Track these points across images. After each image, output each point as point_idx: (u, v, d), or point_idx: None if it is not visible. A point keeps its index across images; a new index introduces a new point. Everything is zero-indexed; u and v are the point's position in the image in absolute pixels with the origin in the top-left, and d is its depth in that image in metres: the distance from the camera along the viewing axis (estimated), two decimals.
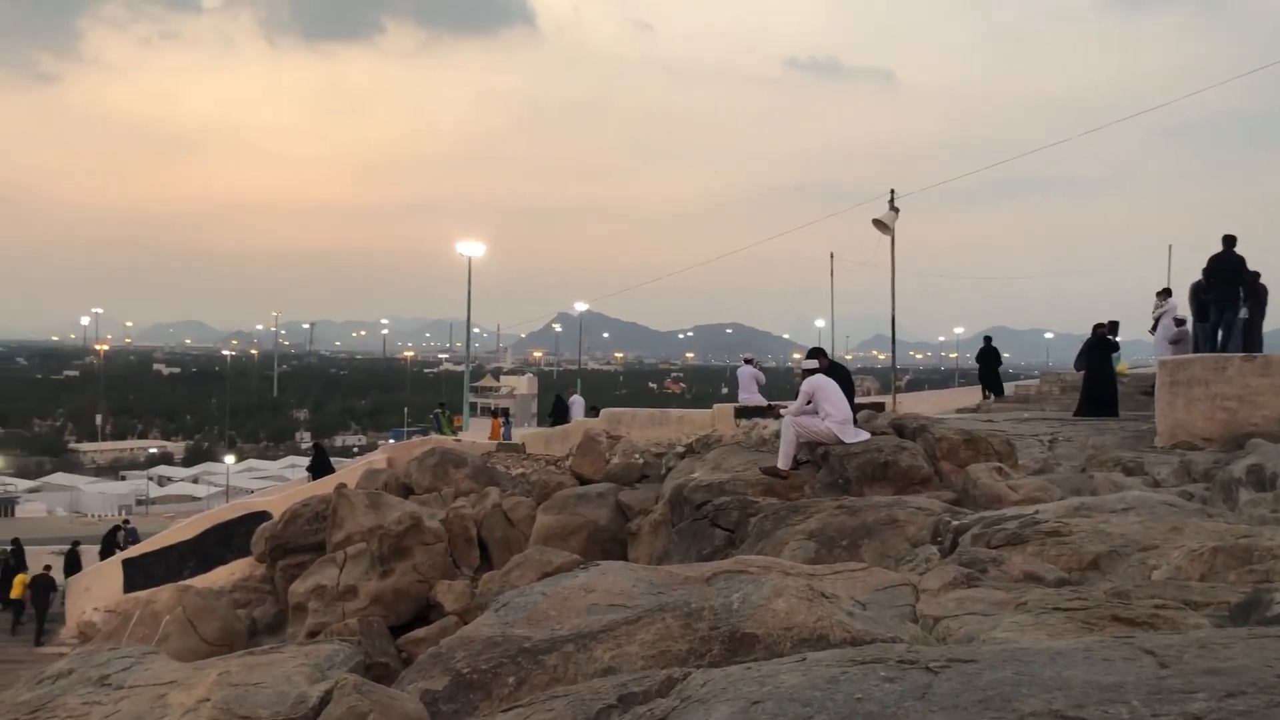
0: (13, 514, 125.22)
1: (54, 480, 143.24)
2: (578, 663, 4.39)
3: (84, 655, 4.81)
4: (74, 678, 4.48)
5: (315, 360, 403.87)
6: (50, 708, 4.13)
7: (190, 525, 25.76)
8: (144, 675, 4.37)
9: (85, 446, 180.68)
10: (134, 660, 4.59)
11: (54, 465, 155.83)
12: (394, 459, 25.59)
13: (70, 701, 4.17)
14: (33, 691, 4.41)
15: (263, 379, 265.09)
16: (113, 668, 4.52)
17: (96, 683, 4.36)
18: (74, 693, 4.27)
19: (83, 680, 4.42)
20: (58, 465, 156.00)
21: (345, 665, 4.56)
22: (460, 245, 53.29)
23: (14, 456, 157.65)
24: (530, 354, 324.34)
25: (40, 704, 4.19)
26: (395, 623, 17.29)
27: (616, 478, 19.43)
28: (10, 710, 4.19)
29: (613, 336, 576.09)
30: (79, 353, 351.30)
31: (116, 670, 4.48)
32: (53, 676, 4.54)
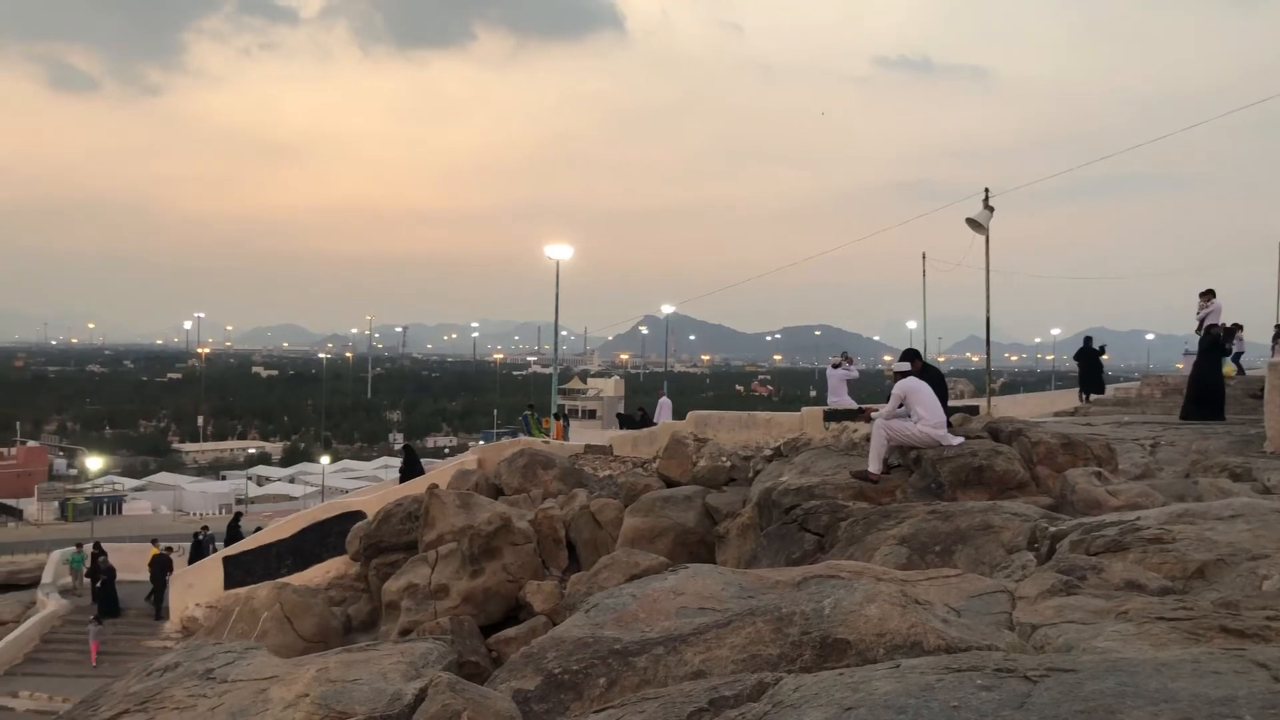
0: (120, 512, 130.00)
1: (158, 480, 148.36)
2: (668, 665, 4.39)
3: (190, 649, 4.97)
4: (180, 670, 4.62)
5: (408, 363, 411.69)
6: (159, 699, 4.26)
7: (287, 524, 26.38)
8: (246, 670, 4.49)
9: (188, 447, 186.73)
10: (237, 655, 4.72)
11: (158, 465, 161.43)
12: (484, 460, 25.89)
13: (177, 693, 4.30)
14: (142, 683, 4.57)
15: (357, 381, 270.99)
16: (217, 662, 4.66)
17: (202, 676, 4.49)
18: (181, 685, 4.41)
19: (189, 673, 4.56)
20: (162, 465, 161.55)
21: (439, 664, 4.62)
22: (548, 248, 53.74)
23: (121, 456, 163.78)
24: (617, 356, 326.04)
25: (149, 695, 4.33)
26: (485, 622, 17.50)
27: (704, 480, 19.39)
28: (122, 700, 4.34)
29: (699, 339, 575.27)
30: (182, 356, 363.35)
31: (220, 664, 4.61)
32: (161, 669, 4.69)
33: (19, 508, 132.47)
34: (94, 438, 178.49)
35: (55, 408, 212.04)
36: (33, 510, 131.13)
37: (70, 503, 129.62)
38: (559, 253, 53.44)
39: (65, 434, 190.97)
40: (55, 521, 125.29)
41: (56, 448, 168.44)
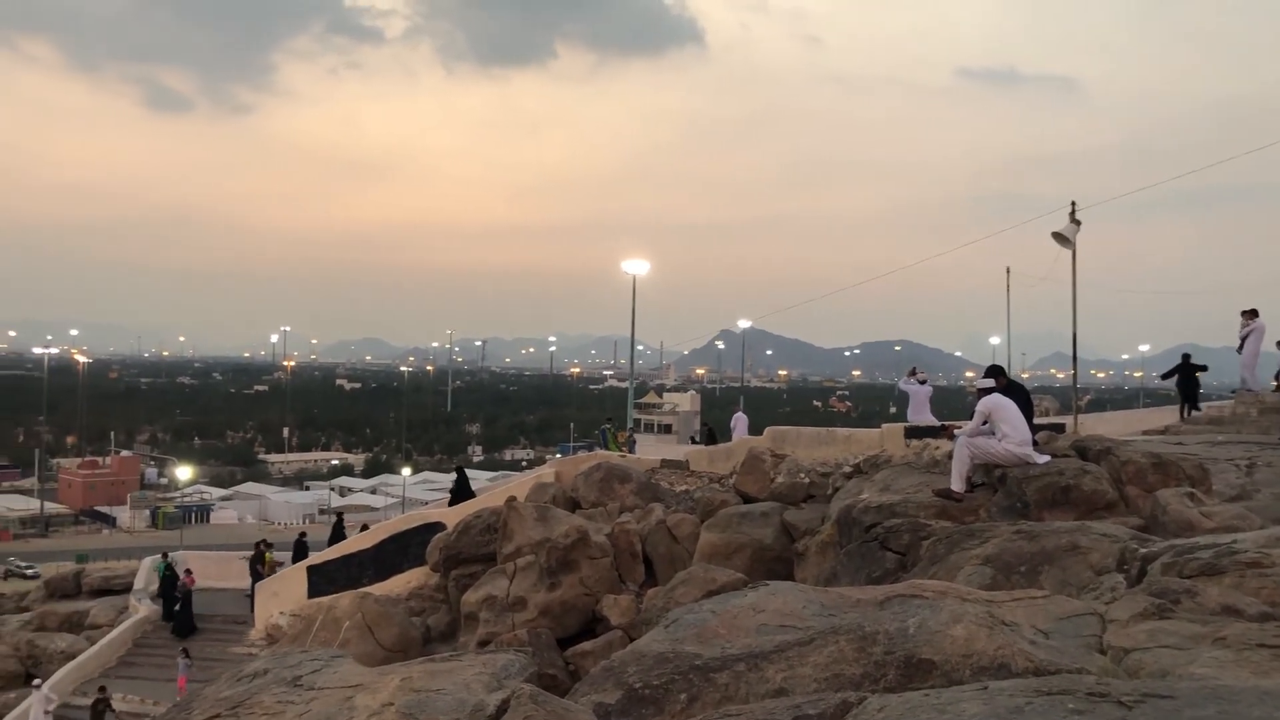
0: (208, 521, 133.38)
1: (245, 489, 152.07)
2: (749, 682, 4.36)
3: (278, 656, 5.07)
4: (269, 677, 4.73)
5: (487, 376, 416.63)
6: (249, 705, 4.37)
7: (369, 535, 26.77)
8: (332, 678, 4.57)
9: (273, 457, 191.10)
10: (323, 663, 4.82)
11: (245, 475, 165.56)
12: (562, 473, 26.01)
13: (266, 700, 4.40)
14: (233, 688, 4.68)
15: (437, 394, 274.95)
16: (304, 669, 4.75)
17: (290, 683, 4.58)
18: (269, 691, 4.51)
19: (277, 680, 4.66)
20: (248, 475, 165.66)
21: (520, 675, 4.66)
22: (625, 263, 54.02)
23: (209, 466, 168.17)
24: (693, 371, 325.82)
25: (240, 700, 4.43)
26: (562, 634, 17.56)
27: (781, 497, 19.24)
28: (213, 705, 4.45)
29: (777, 354, 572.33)
30: (269, 368, 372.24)
31: (307, 672, 4.71)
32: (250, 675, 4.81)
33: (113, 515, 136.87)
34: (184, 448, 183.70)
35: (147, 418, 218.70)
36: (125, 518, 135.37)
37: (161, 511, 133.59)
38: (636, 267, 53.68)
39: (156, 444, 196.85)
40: (146, 529, 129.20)
41: (148, 457, 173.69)
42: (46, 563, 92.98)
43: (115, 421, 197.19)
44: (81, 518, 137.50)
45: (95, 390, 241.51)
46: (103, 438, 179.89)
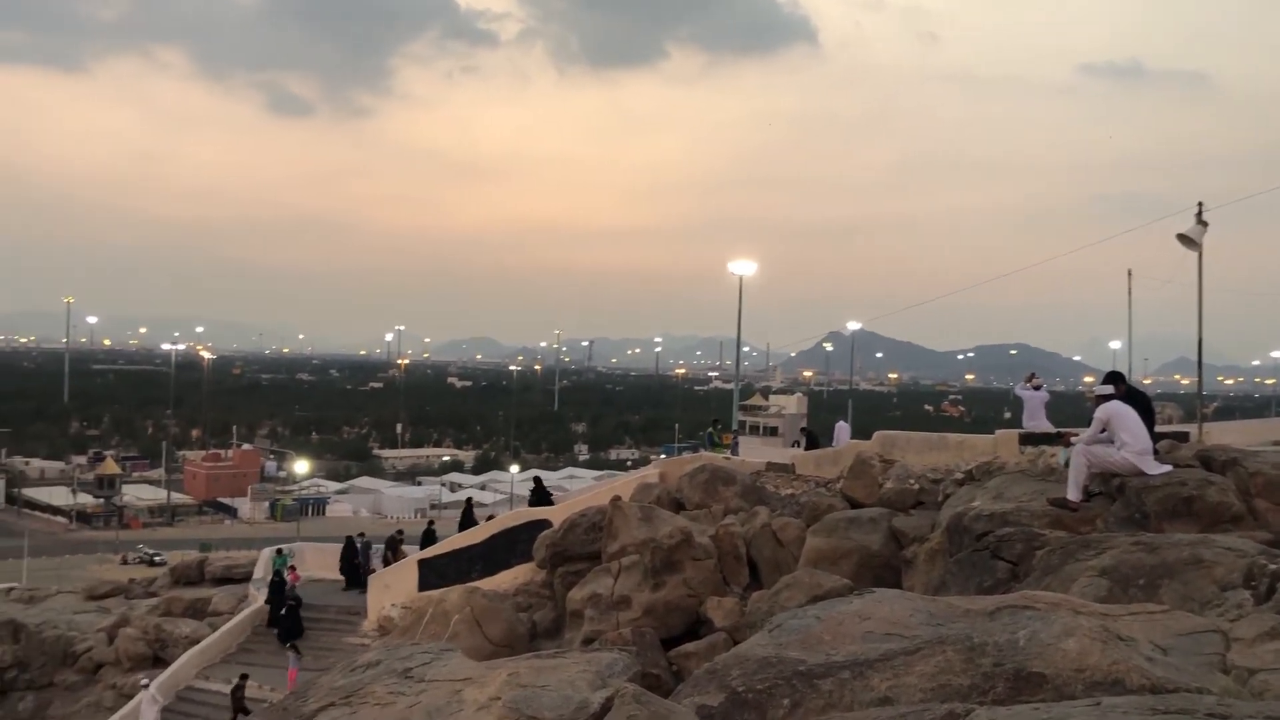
0: (324, 513, 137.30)
1: (359, 484, 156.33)
2: (853, 690, 4.33)
3: (390, 648, 5.22)
4: (381, 668, 4.87)
5: (593, 376, 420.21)
6: (361, 694, 4.50)
7: (479, 530, 27.25)
8: (442, 670, 4.68)
9: (387, 453, 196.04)
10: (433, 656, 4.94)
11: (359, 470, 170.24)
12: (666, 474, 26.07)
13: (378, 690, 4.53)
14: (346, 678, 4.83)
15: (545, 393, 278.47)
16: (415, 661, 4.88)
17: (401, 674, 4.71)
18: (381, 682, 4.64)
19: (389, 671, 4.79)
20: (363, 470, 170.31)
21: (625, 674, 4.70)
22: (732, 264, 53.90)
23: (326, 461, 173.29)
24: (800, 373, 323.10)
25: (353, 690, 4.58)
26: (665, 635, 17.61)
27: (890, 503, 18.95)
28: (328, 694, 4.61)
29: (887, 356, 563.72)
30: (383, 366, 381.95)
31: (418, 664, 4.83)
32: (363, 666, 4.96)
33: (234, 506, 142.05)
34: (302, 442, 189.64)
35: (268, 413, 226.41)
36: (246, 509, 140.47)
37: (279, 503, 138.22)
38: (743, 268, 53.51)
39: (276, 438, 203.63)
40: (266, 520, 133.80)
41: (268, 451, 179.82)
42: (172, 551, 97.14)
43: (237, 416, 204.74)
44: (205, 508, 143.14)
45: (219, 385, 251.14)
46: (225, 431, 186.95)
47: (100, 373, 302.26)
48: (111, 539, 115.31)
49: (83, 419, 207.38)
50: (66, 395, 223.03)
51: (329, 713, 4.37)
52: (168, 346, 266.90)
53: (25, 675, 29.44)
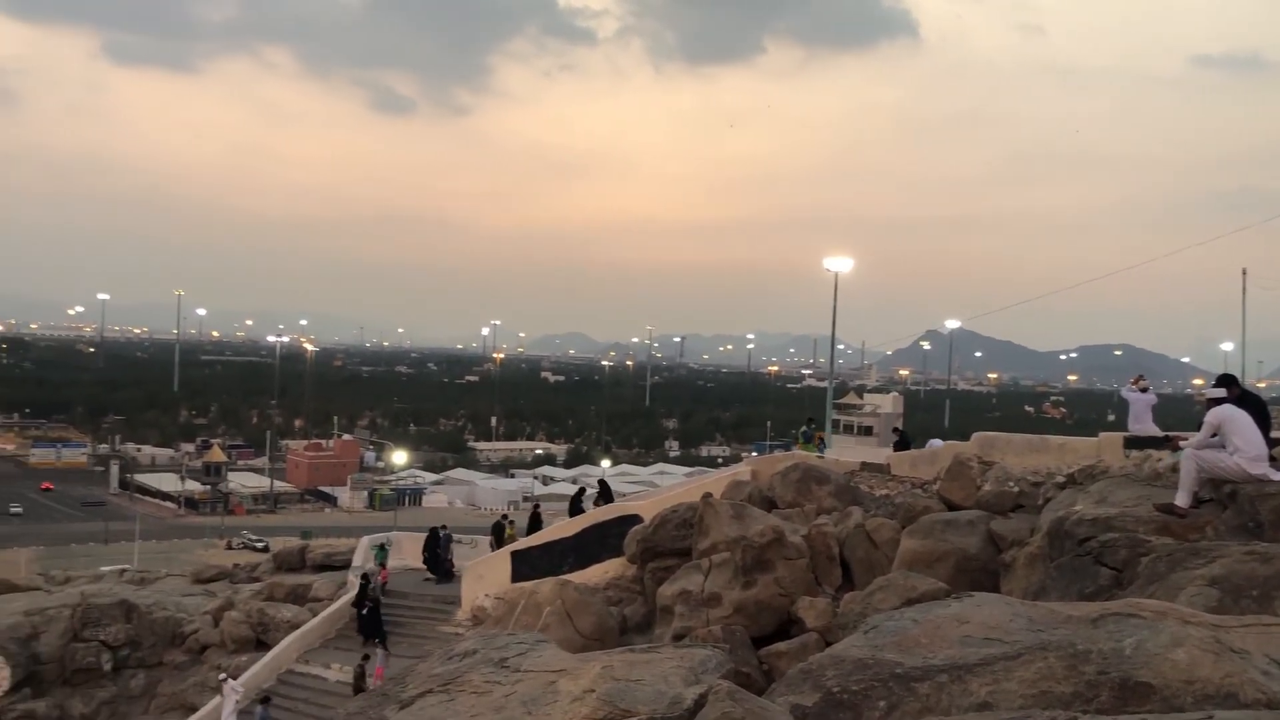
0: (420, 504, 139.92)
1: (455, 475, 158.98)
2: (951, 694, 4.26)
3: (486, 638, 5.31)
4: (478, 657, 4.95)
5: (685, 372, 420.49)
6: (459, 682, 4.59)
7: (570, 524, 27.48)
8: (537, 661, 4.74)
9: (481, 445, 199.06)
10: (528, 646, 5.00)
11: (455, 461, 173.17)
12: (758, 472, 25.94)
13: (474, 678, 4.61)
14: (444, 665, 4.93)
15: (636, 389, 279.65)
16: (510, 651, 4.95)
17: (497, 664, 4.79)
18: (477, 671, 4.72)
19: (485, 660, 4.87)
20: (458, 461, 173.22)
21: (717, 671, 4.70)
22: (827, 260, 53.42)
23: (423, 452, 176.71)
24: (896, 372, 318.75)
25: (450, 678, 4.66)
26: (756, 633, 17.54)
27: (988, 505, 18.57)
28: (426, 680, 4.70)
29: (986, 356, 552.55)
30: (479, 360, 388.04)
31: (513, 654, 4.90)
32: (460, 654, 5.05)
33: (334, 495, 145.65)
34: (399, 433, 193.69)
35: (367, 405, 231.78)
36: (345, 498, 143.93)
37: (377, 493, 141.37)
38: (838, 265, 53.00)
39: (375, 429, 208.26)
40: (364, 509, 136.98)
41: (367, 442, 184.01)
42: (274, 537, 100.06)
43: (338, 407, 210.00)
44: (306, 496, 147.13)
45: (321, 377, 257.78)
46: (327, 422, 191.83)
47: (208, 363, 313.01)
48: (217, 524, 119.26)
49: (191, 408, 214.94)
50: (176, 385, 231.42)
51: (427, 699, 4.46)
52: (273, 339, 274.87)
53: (137, 654, 30.62)
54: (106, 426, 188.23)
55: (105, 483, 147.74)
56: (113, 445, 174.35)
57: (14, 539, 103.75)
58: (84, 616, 30.51)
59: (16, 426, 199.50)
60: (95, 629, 30.36)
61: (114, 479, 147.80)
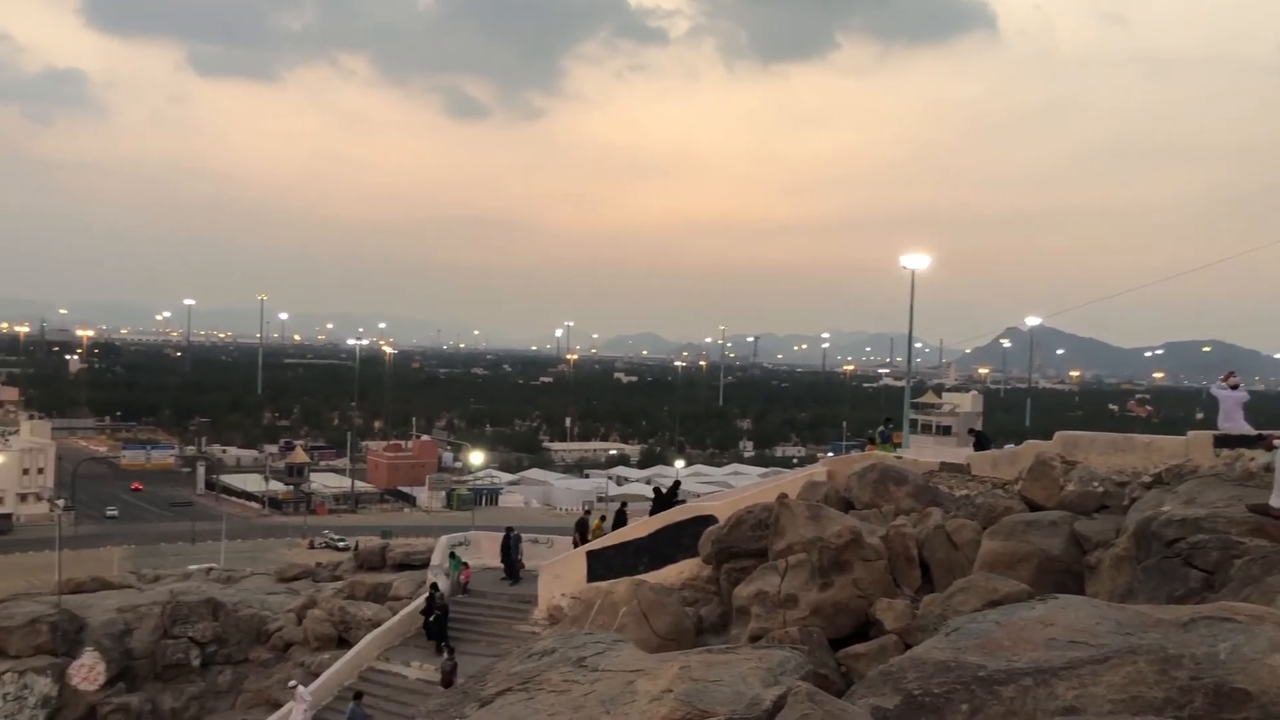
0: (496, 503, 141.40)
1: (530, 475, 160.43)
2: (1036, 698, 4.17)
3: (565, 637, 5.33)
4: (556, 656, 4.98)
5: (758, 372, 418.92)
6: (538, 680, 4.62)
7: (645, 524, 27.49)
8: (615, 660, 4.75)
9: (556, 446, 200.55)
10: (606, 646, 5.02)
11: (530, 461, 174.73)
12: (834, 472, 25.67)
13: (554, 677, 4.64)
14: (523, 664, 4.96)
15: (710, 389, 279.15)
16: (588, 651, 4.97)
17: (575, 663, 4.81)
18: (557, 669, 4.75)
19: (564, 659, 4.90)
20: (533, 462, 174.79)
21: (796, 673, 4.66)
22: (904, 258, 52.77)
23: (499, 452, 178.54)
24: (975, 370, 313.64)
25: (529, 676, 4.70)
26: (833, 635, 17.35)
27: (1071, 506, 18.17)
28: (506, 679, 4.74)
29: (1069, 353, 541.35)
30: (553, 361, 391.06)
31: (591, 653, 4.92)
32: (539, 653, 5.08)
33: (413, 494, 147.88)
34: (476, 434, 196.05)
35: (445, 406, 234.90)
36: (424, 498, 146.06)
37: (455, 493, 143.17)
38: (915, 262, 52.32)
39: (452, 430, 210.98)
40: (442, 509, 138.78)
41: (445, 442, 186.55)
42: (355, 536, 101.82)
43: (416, 408, 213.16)
44: (386, 496, 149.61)
45: (399, 379, 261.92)
46: (405, 423, 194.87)
47: (291, 366, 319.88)
48: (300, 524, 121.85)
49: (275, 410, 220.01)
50: (260, 388, 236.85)
51: (507, 697, 4.49)
52: (352, 342, 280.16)
53: (224, 650, 31.39)
54: (193, 428, 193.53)
55: (192, 483, 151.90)
56: (199, 447, 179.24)
57: (107, 538, 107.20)
58: (173, 614, 31.37)
59: (108, 429, 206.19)
60: (184, 626, 31.21)
61: (200, 480, 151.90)
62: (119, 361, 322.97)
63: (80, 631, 29.85)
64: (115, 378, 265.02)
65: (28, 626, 29.12)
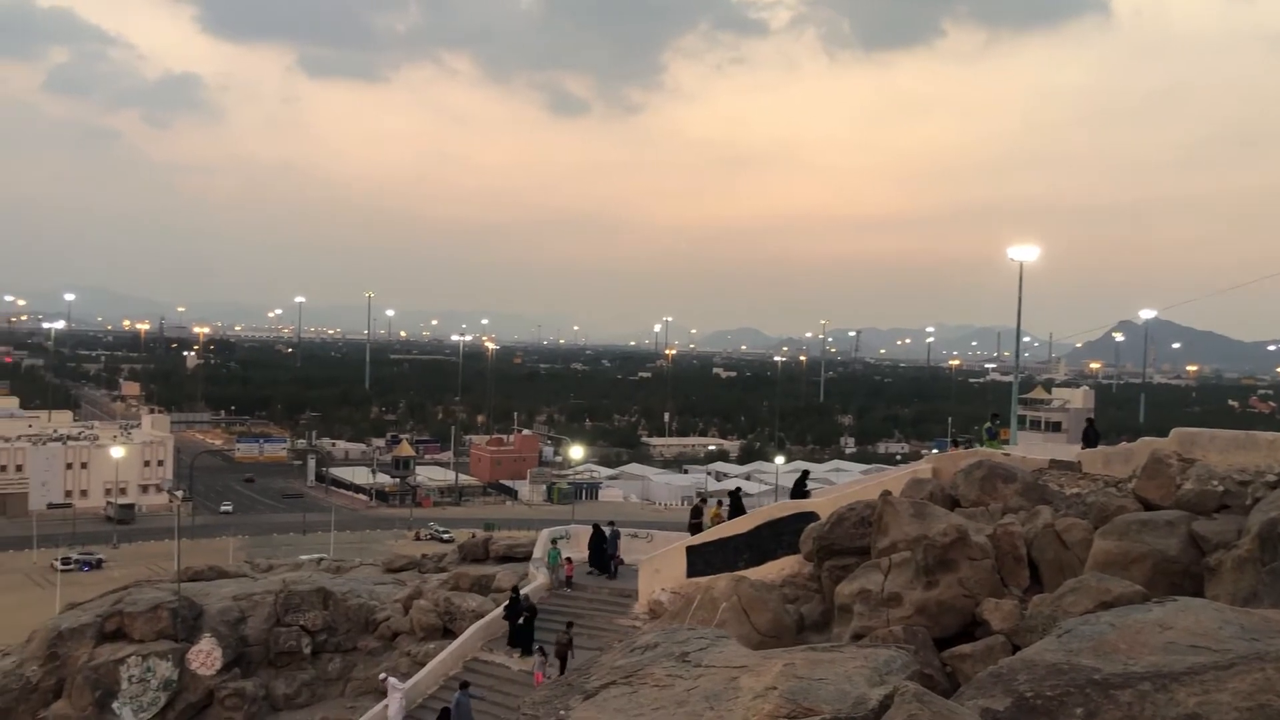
0: (596, 498, 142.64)
1: (629, 470, 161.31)
2: (1156, 704, 4.03)
3: (668, 632, 5.34)
4: (659, 650, 4.99)
5: (860, 367, 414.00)
6: (641, 675, 4.63)
7: (745, 520, 27.39)
8: (718, 656, 4.74)
9: (655, 441, 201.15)
10: (709, 642, 5.01)
11: (629, 456, 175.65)
12: (939, 469, 25.22)
13: (657, 672, 4.64)
14: (626, 658, 4.98)
15: (810, 384, 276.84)
16: (691, 646, 4.97)
17: (678, 658, 4.81)
18: (660, 664, 4.76)
19: (667, 654, 4.90)
20: (632, 456, 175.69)
21: (903, 672, 4.59)
22: (1011, 249, 51.54)
23: (598, 447, 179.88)
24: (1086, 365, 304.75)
25: (633, 670, 4.71)
26: (938, 635, 17.06)
27: (1189, 505, 17.54)
28: (609, 672, 4.77)
29: (1186, 347, 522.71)
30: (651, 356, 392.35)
31: (694, 649, 4.91)
32: (642, 647, 5.10)
33: (514, 488, 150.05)
34: (576, 429, 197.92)
35: (545, 401, 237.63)
36: (525, 491, 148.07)
37: (555, 487, 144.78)
38: (1023, 254, 51.04)
39: (553, 425, 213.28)
40: (543, 503, 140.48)
41: (545, 437, 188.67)
42: (459, 529, 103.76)
43: (518, 403, 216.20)
44: (488, 489, 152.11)
45: (501, 374, 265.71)
46: (507, 418, 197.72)
47: (396, 362, 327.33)
48: (405, 516, 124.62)
49: (381, 405, 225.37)
50: (368, 383, 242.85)
51: (610, 690, 4.52)
52: (456, 338, 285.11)
53: (333, 639, 32.24)
54: (304, 423, 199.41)
55: (303, 476, 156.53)
56: (309, 440, 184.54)
57: (223, 528, 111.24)
58: (286, 602, 32.35)
59: (224, 423, 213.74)
60: (296, 614, 32.15)
61: (311, 472, 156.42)
62: (233, 358, 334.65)
63: (198, 618, 30.97)
64: (230, 373, 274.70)
65: (150, 612, 30.34)
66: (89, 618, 30.62)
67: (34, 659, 29.74)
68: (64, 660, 29.50)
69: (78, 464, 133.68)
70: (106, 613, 30.60)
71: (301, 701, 30.66)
